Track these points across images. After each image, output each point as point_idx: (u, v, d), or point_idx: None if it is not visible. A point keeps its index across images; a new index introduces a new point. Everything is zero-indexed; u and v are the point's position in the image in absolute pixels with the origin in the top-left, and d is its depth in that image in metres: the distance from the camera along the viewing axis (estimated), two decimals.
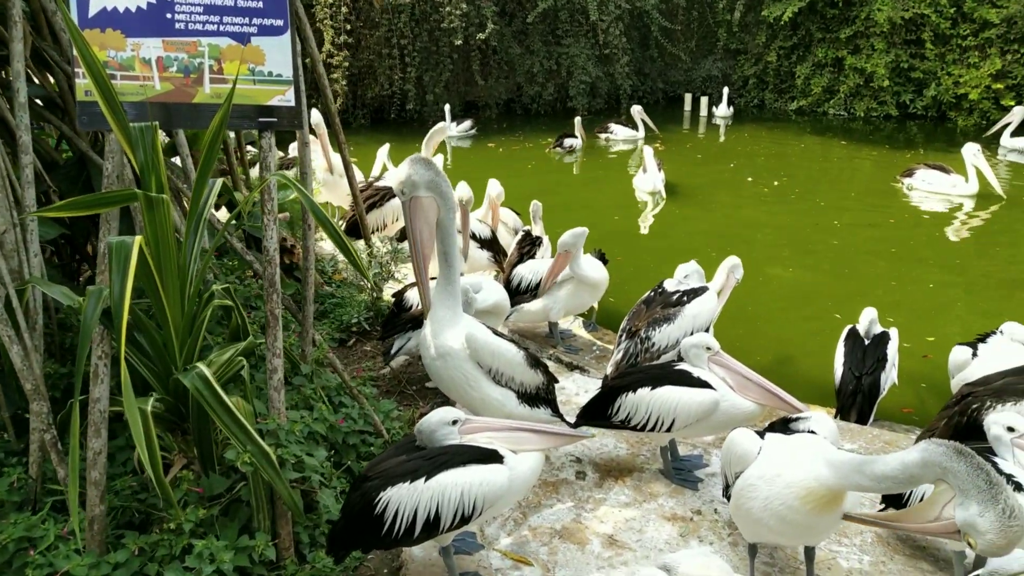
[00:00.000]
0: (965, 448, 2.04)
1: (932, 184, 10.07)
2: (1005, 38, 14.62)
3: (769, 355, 6.05)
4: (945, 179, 10.01)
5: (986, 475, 1.98)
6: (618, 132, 14.43)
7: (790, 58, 17.08)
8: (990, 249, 8.51)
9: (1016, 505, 1.95)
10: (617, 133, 14.43)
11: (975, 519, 1.98)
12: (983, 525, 1.96)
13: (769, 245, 8.64)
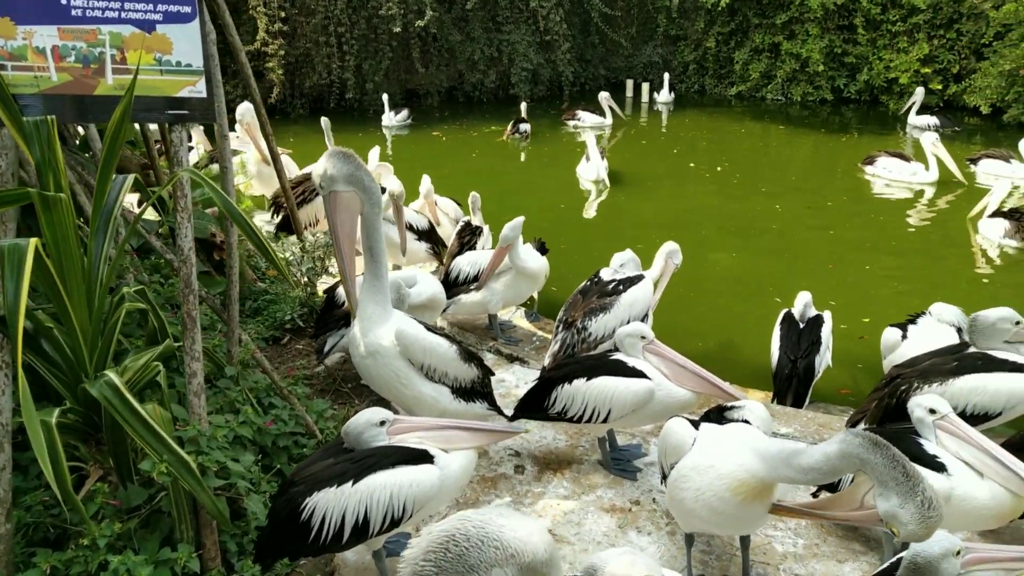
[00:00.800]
0: (881, 439, 2.05)
1: (893, 172, 10.26)
2: (932, 23, 15.03)
3: (711, 340, 6.10)
4: (906, 167, 10.19)
5: (903, 468, 1.99)
6: (586, 119, 14.43)
7: (728, 44, 17.29)
8: (926, 232, 8.74)
9: (935, 495, 1.96)
10: (585, 120, 14.43)
11: (896, 510, 1.99)
12: (904, 516, 1.98)
13: (712, 230, 8.72)
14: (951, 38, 14.96)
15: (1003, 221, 7.99)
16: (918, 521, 1.95)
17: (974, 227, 8.51)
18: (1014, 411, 3.43)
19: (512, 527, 1.68)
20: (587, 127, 14.24)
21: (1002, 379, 3.36)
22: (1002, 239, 7.93)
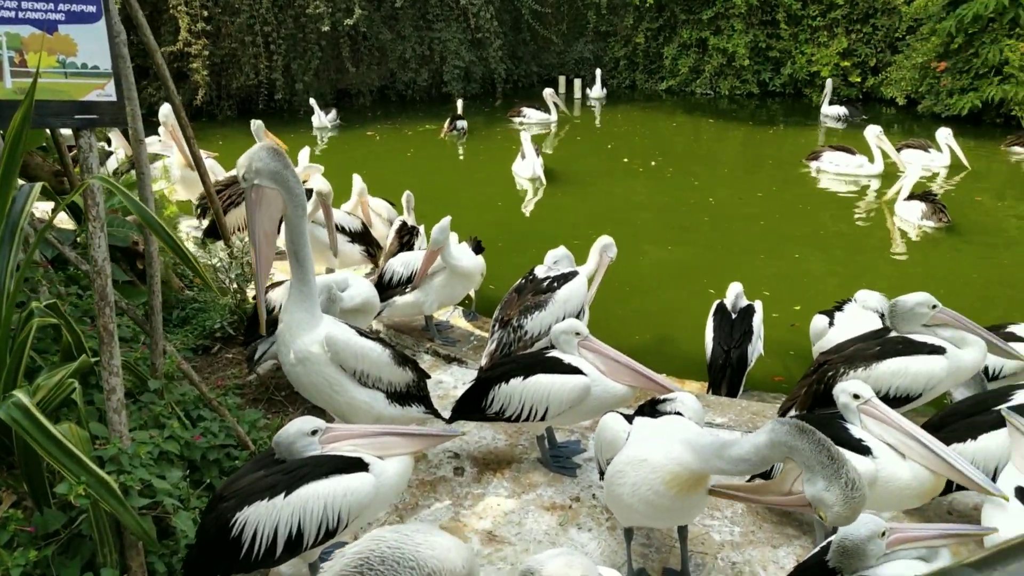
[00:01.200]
0: (807, 426, 2.09)
1: (839, 165, 10.46)
2: (849, 18, 15.55)
3: (648, 333, 6.17)
4: (851, 160, 10.40)
5: (827, 451, 2.04)
6: (531, 116, 14.45)
7: (657, 39, 17.55)
8: (852, 220, 9.04)
9: (857, 476, 2.01)
10: (531, 116, 14.45)
11: (822, 494, 2.03)
12: (829, 499, 2.02)
13: (647, 224, 8.83)
14: (867, 32, 15.50)
15: (920, 203, 8.38)
16: (843, 503, 2.00)
17: (890, 210, 8.89)
18: (933, 392, 3.55)
19: (429, 544, 1.65)
20: (533, 123, 14.30)
21: (921, 362, 3.48)
22: (920, 220, 8.29)
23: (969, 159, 10.31)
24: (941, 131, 10.44)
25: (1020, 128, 12.55)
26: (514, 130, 13.06)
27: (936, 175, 10.35)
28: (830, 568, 2.27)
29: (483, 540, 3.21)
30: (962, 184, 10.19)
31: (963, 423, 3.20)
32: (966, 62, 13.34)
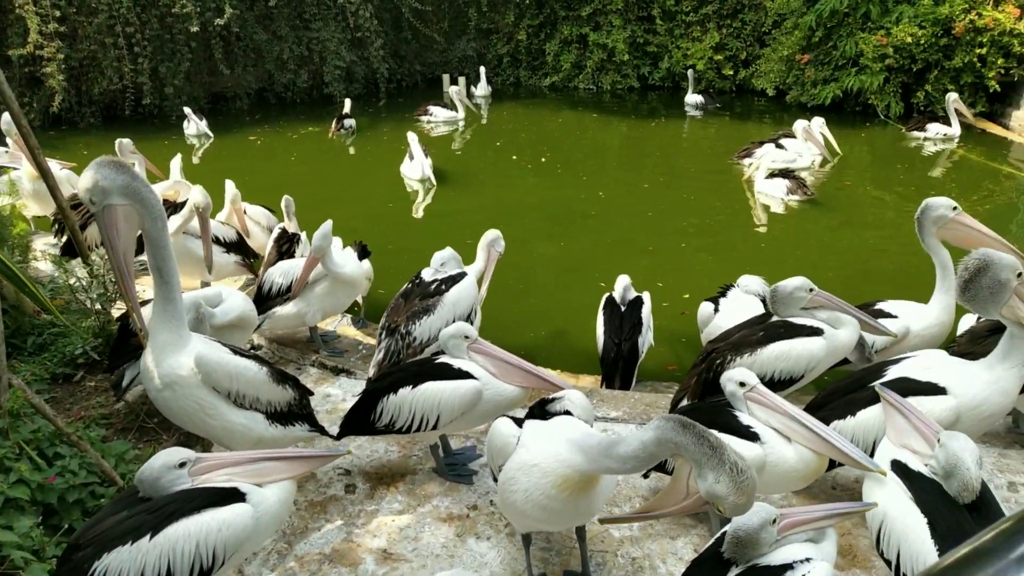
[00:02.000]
0: (689, 421, 2.08)
1: (777, 160, 10.26)
2: (720, 14, 16.14)
3: (542, 330, 6.16)
4: (784, 154, 10.38)
5: (708, 443, 2.03)
6: (439, 114, 14.22)
7: (539, 36, 17.66)
8: (735, 206, 9.36)
9: (741, 460, 2.01)
10: (437, 115, 14.23)
11: (714, 487, 2.02)
12: (721, 489, 2.01)
13: (538, 221, 8.83)
14: (737, 27, 16.13)
15: (782, 180, 9.08)
16: (734, 491, 1.99)
17: (750, 189, 9.45)
18: (814, 372, 3.67)
19: None
20: (440, 122, 14.14)
21: (802, 344, 3.59)
22: (786, 196, 8.96)
23: (836, 145, 10.90)
24: (815, 120, 10.97)
25: (877, 116, 13.38)
26: (406, 128, 12.83)
27: (813, 162, 10.86)
28: (725, 559, 2.27)
29: (378, 560, 3.06)
30: (832, 170, 10.75)
31: (843, 400, 3.31)
32: (826, 54, 14.09)
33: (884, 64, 13.27)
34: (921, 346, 4.07)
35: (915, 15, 13.04)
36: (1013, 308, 2.84)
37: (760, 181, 9.24)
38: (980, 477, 2.32)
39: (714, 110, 15.16)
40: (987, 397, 2.89)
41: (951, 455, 2.33)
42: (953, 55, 13.00)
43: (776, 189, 9.05)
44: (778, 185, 9.04)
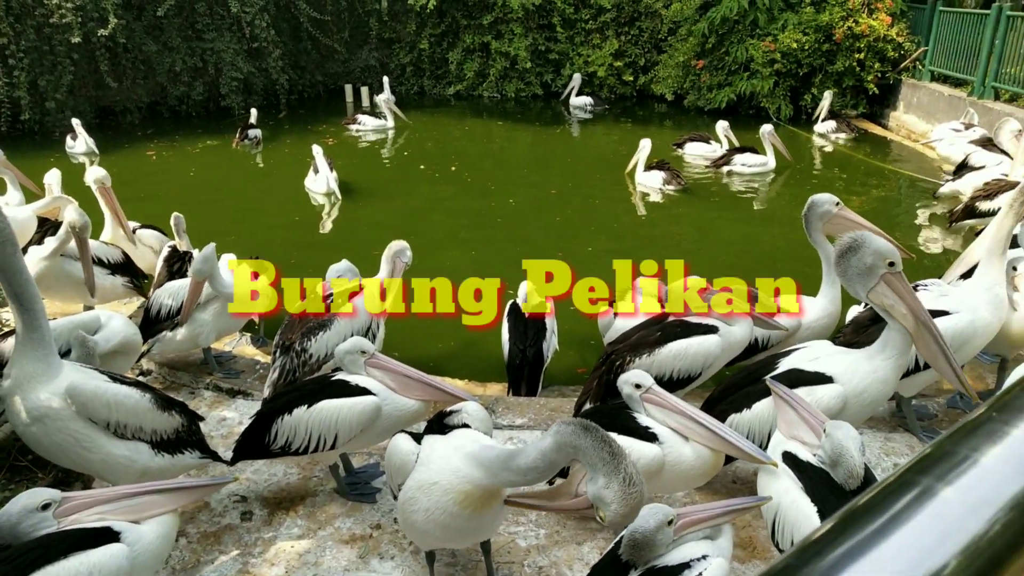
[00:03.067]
0: (591, 424, 2.06)
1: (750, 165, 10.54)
2: (618, 21, 16.52)
3: (451, 339, 6.08)
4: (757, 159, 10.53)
5: (608, 447, 2.01)
6: (368, 123, 14.03)
7: (441, 45, 17.61)
8: (634, 207, 9.53)
9: (636, 474, 2.00)
10: (367, 124, 14.02)
11: (602, 491, 2.00)
12: (608, 496, 1.99)
13: (447, 230, 8.76)
14: (635, 34, 16.54)
15: (659, 172, 9.78)
16: (621, 499, 1.97)
17: (632, 181, 10.01)
18: (712, 369, 3.75)
19: None
20: (369, 130, 14.00)
21: (698, 342, 3.65)
22: (663, 186, 9.70)
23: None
24: (719, 124, 11.36)
25: (770, 118, 13.93)
26: (308, 140, 12.52)
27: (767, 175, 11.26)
28: (624, 562, 2.26)
29: None
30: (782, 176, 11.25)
31: (739, 394, 3.37)
32: (719, 60, 14.61)
33: (773, 69, 13.88)
34: (812, 337, 4.21)
35: (799, 22, 13.69)
36: (879, 294, 2.95)
37: (640, 173, 9.91)
38: (864, 463, 2.39)
39: (602, 111, 15.70)
40: (868, 385, 3.01)
41: (836, 444, 2.40)
42: (835, 60, 13.72)
43: (653, 180, 9.78)
44: (654, 176, 9.78)
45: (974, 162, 8.33)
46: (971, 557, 0.55)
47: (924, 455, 0.64)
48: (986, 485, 0.61)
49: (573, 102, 15.84)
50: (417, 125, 14.70)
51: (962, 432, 0.66)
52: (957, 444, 0.65)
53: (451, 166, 11.77)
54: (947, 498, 0.59)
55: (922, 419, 4.09)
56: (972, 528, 0.57)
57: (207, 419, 4.09)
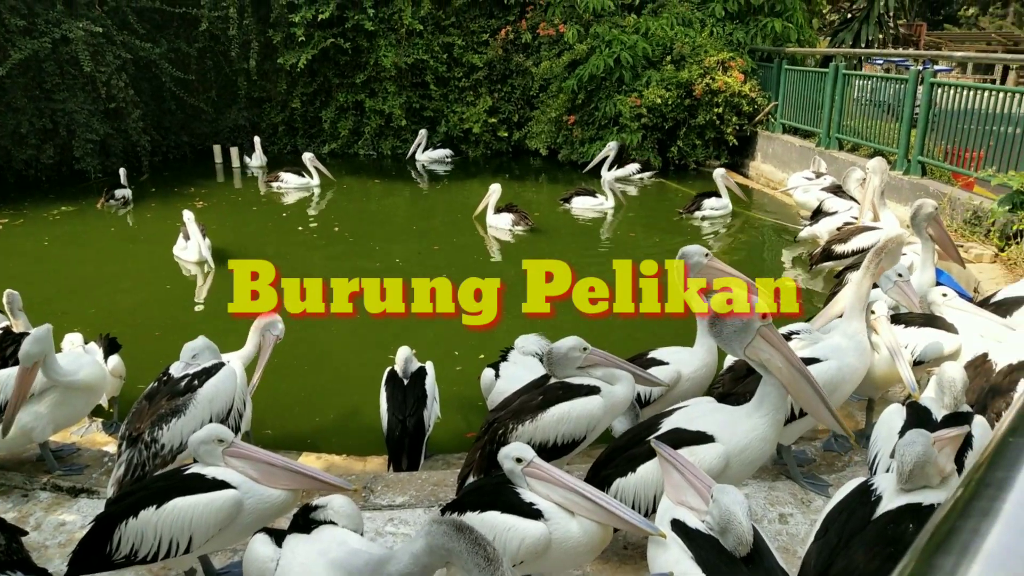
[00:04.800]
0: (464, 524, 1.89)
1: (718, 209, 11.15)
2: (490, 79, 16.83)
3: (329, 412, 5.78)
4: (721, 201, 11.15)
5: (483, 552, 1.85)
6: (290, 180, 13.62)
7: (314, 103, 17.34)
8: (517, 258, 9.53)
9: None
10: (289, 181, 13.62)
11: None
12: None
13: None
14: (508, 91, 16.89)
15: (508, 214, 10.48)
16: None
17: (482, 224, 10.53)
18: (596, 431, 3.65)
19: None
20: (292, 188, 13.64)
21: (581, 404, 3.55)
22: (512, 227, 10.39)
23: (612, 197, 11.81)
24: (605, 177, 11.73)
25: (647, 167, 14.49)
26: (176, 204, 11.83)
27: (605, 214, 11.66)
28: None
29: None
30: (623, 219, 11.68)
31: (623, 457, 3.28)
32: (589, 115, 15.13)
33: (640, 123, 14.50)
34: (693, 389, 4.23)
35: (661, 79, 14.40)
36: (756, 349, 2.97)
37: (490, 216, 10.54)
38: (751, 529, 2.32)
39: (452, 161, 16.33)
40: (749, 443, 2.98)
41: (723, 510, 2.32)
42: (697, 114, 14.50)
43: (502, 222, 10.46)
44: (503, 219, 10.46)
45: (828, 208, 8.87)
46: None
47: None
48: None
49: (421, 157, 16.26)
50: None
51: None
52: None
53: (333, 226, 11.43)
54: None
55: (801, 464, 4.14)
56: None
57: (43, 525, 3.62)
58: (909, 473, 2.54)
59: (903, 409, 3.32)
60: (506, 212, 10.53)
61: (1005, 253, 7.43)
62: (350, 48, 16.05)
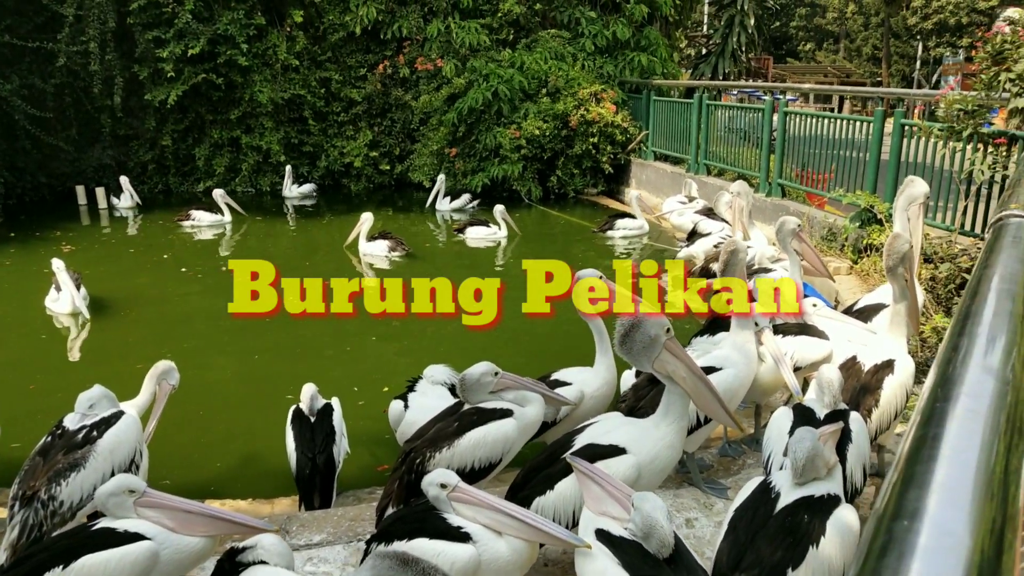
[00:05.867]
0: (410, 556, 1.95)
1: (633, 229, 11.79)
2: (370, 113, 16.82)
3: (232, 457, 5.59)
4: (635, 222, 11.78)
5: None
6: (203, 218, 13.12)
7: (186, 140, 16.70)
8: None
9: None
10: (201, 219, 13.10)
11: None
12: None
13: (213, 337, 8.09)
14: (388, 125, 16.92)
15: (382, 241, 10.85)
16: None
17: (354, 252, 10.89)
18: (511, 453, 3.76)
19: None
20: (204, 226, 13.13)
21: (496, 428, 3.66)
22: (388, 254, 10.76)
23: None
24: (497, 208, 11.99)
25: (522, 199, 14.86)
26: (39, 250, 11.04)
27: (499, 243, 11.89)
28: None
29: None
30: (518, 247, 11.88)
31: (540, 476, 3.40)
32: (471, 147, 15.43)
33: (521, 154, 14.94)
34: (596, 407, 4.41)
35: (538, 111, 14.92)
36: (663, 362, 3.19)
37: (363, 244, 10.84)
38: (673, 531, 2.49)
39: (316, 195, 16.21)
40: (659, 452, 3.18)
41: (645, 516, 2.47)
42: (574, 144, 15.10)
43: (378, 248, 10.80)
44: (379, 246, 10.80)
45: (702, 229, 9.45)
46: None
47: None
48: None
49: (289, 192, 16.10)
50: (167, 227, 13.64)
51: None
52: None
53: (220, 266, 11.02)
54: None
55: (701, 471, 4.40)
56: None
57: None
58: (802, 468, 2.79)
59: (790, 411, 3.63)
60: (381, 239, 10.90)
61: (859, 265, 8.17)
62: (223, 84, 15.64)
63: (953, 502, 0.76)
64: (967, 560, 0.68)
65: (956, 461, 0.83)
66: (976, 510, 0.75)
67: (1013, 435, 0.93)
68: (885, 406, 3.94)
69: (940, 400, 0.98)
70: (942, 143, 7.44)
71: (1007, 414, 0.96)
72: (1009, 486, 0.83)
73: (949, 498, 0.77)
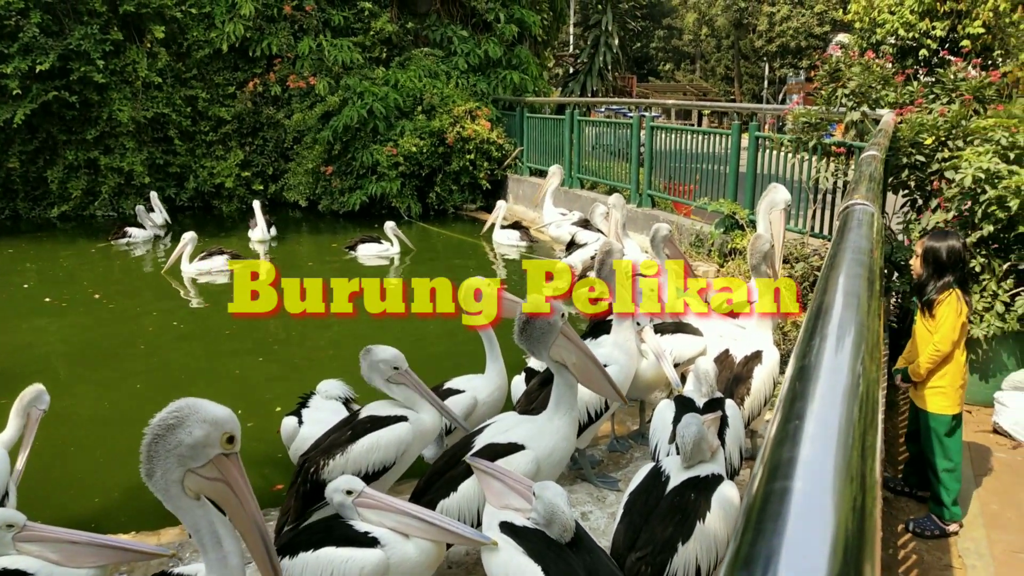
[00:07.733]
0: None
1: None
2: (240, 132, 16.31)
3: (113, 491, 5.30)
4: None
5: None
6: (137, 235, 13.09)
7: (36, 163, 15.55)
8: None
9: None
10: (136, 236, 13.05)
11: None
12: None
13: (79, 367, 7.63)
14: (260, 144, 16.46)
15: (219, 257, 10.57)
16: None
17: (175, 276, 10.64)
18: (406, 456, 3.79)
19: None
20: (139, 242, 13.04)
21: (390, 431, 3.68)
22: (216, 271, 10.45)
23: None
24: (387, 224, 11.82)
25: (401, 216, 14.86)
26: None
27: (392, 260, 11.78)
28: None
29: None
30: (411, 263, 11.85)
31: (442, 480, 3.47)
32: (347, 165, 15.26)
33: (398, 171, 14.93)
34: (489, 412, 4.52)
35: (415, 128, 14.99)
36: (559, 348, 3.34)
37: (185, 264, 10.60)
38: (573, 516, 2.63)
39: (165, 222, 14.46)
40: (555, 445, 3.33)
41: (547, 504, 2.60)
42: (451, 161, 15.26)
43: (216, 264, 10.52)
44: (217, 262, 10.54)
45: (580, 240, 9.80)
46: None
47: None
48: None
49: (144, 221, 14.47)
50: (20, 255, 12.68)
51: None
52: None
53: (96, 293, 10.33)
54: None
55: (593, 466, 4.60)
56: None
57: None
58: (691, 451, 3.01)
59: (672, 403, 3.88)
60: (218, 255, 10.72)
61: (725, 268, 8.74)
62: (77, 102, 14.72)
63: (817, 475, 0.86)
64: (834, 525, 0.76)
65: (817, 440, 0.93)
66: (839, 483, 0.84)
67: (866, 412, 1.04)
68: (756, 394, 4.28)
69: (800, 382, 1.09)
70: (791, 154, 8.11)
71: (860, 394, 1.07)
72: (866, 459, 0.93)
73: (813, 472, 0.86)
